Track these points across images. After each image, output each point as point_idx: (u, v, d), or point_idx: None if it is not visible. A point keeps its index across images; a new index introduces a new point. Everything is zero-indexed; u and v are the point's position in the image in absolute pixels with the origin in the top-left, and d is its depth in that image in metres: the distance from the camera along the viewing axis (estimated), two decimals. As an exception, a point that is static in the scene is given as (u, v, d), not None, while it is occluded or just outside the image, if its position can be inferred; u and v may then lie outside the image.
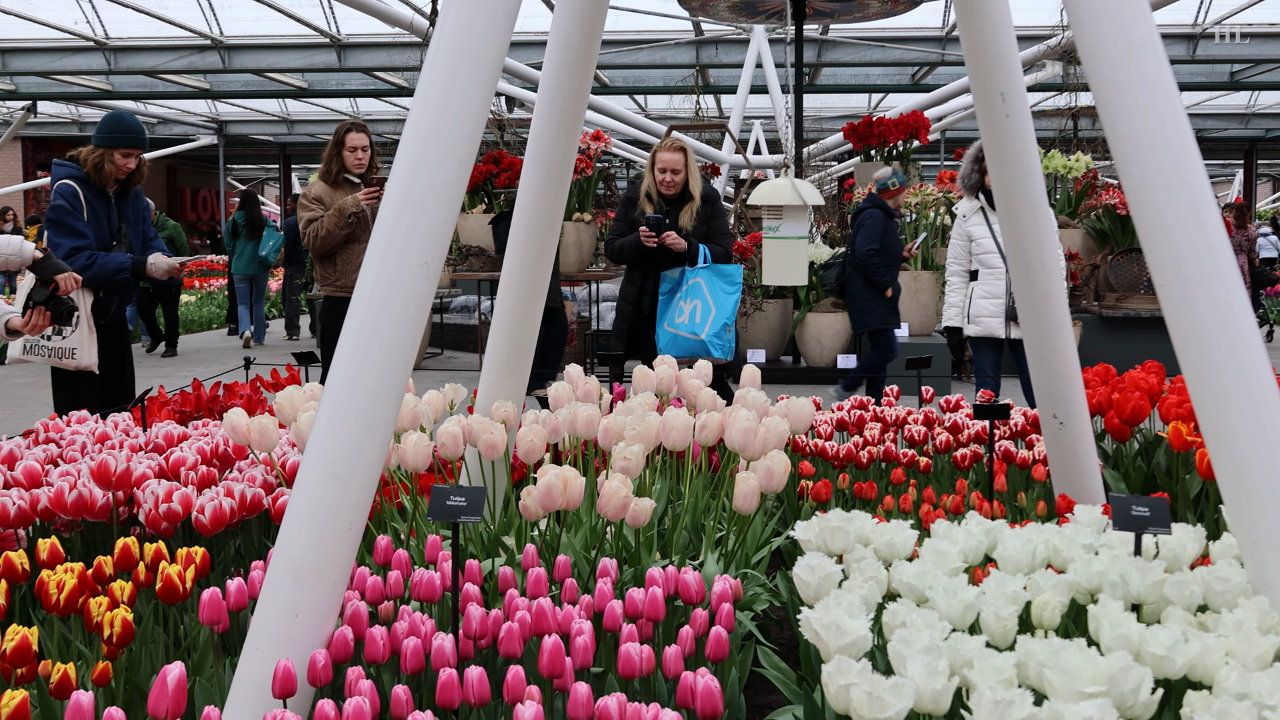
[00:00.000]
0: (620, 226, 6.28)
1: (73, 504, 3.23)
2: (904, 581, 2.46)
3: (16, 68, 17.63)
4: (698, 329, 5.92)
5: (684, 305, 5.99)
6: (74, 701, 2.10)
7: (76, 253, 4.97)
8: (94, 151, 5.05)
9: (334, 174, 6.23)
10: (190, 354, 13.51)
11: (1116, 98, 2.39)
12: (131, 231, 5.25)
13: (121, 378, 5.29)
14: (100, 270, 5.01)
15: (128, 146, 5.08)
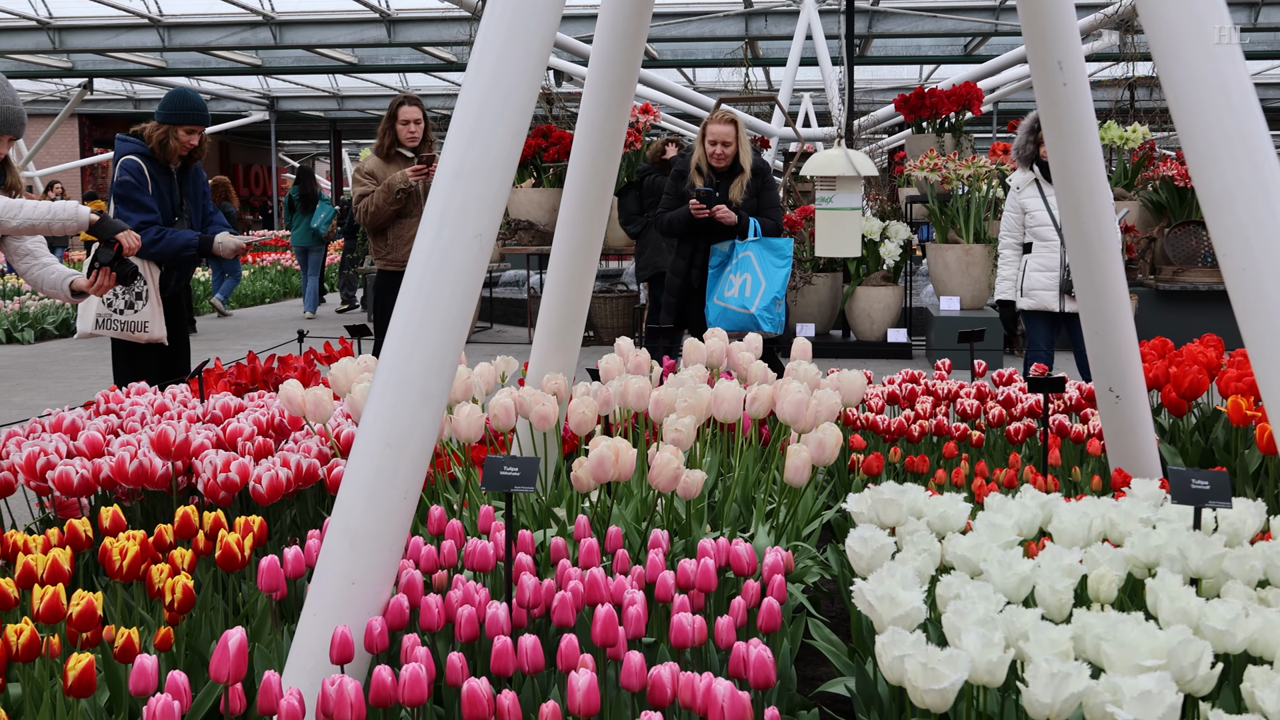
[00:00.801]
0: (670, 200, 6.25)
1: (133, 473, 3.29)
2: (958, 554, 2.45)
3: (73, 45, 17.84)
4: (747, 303, 5.90)
5: (734, 279, 5.97)
6: (138, 665, 2.14)
7: (145, 227, 4.98)
8: (158, 128, 5.07)
9: (387, 148, 6.22)
10: (244, 327, 13.67)
11: (1179, 66, 2.35)
12: (192, 207, 5.28)
13: (179, 350, 5.34)
14: (168, 245, 5.05)
15: (191, 123, 5.09)
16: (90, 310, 4.96)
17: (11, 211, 3.82)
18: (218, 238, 5.22)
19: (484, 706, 2.06)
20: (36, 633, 2.35)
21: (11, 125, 3.98)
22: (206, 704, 2.57)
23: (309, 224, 14.55)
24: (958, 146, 11.10)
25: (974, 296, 10.16)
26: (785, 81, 15.73)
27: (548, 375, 3.81)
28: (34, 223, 3.89)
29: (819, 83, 16.59)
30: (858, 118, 13.11)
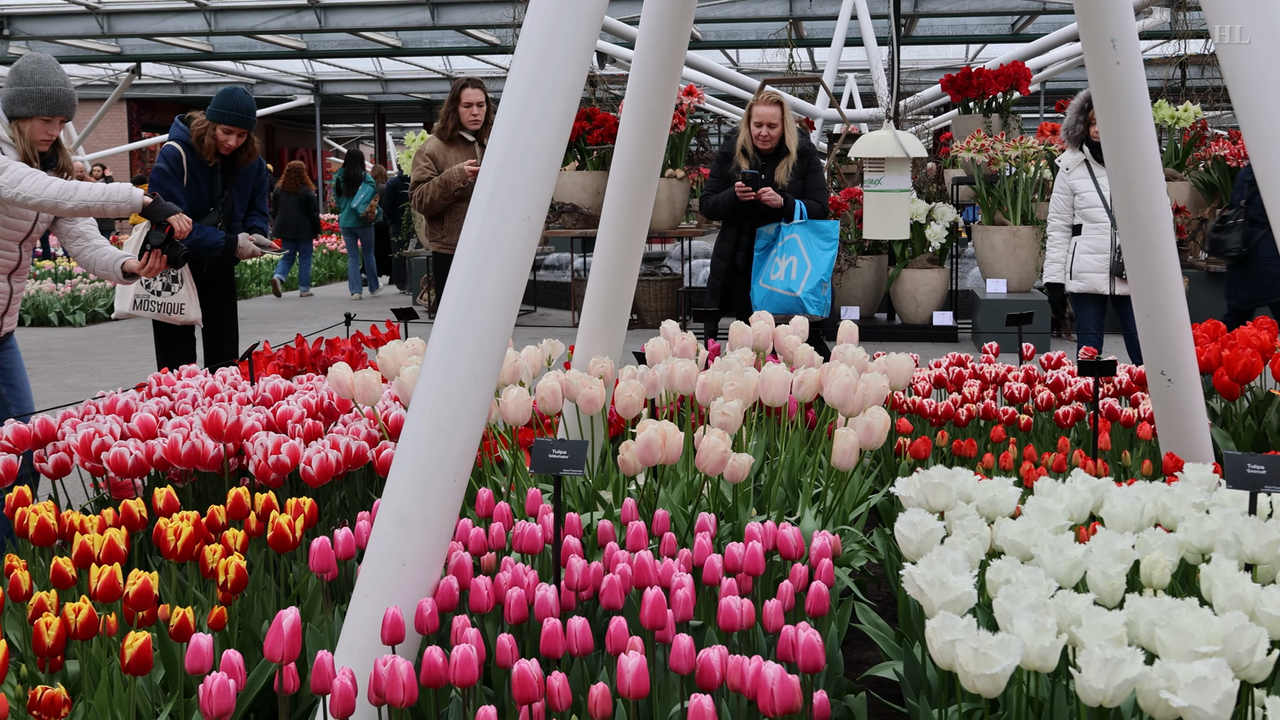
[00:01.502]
0: (715, 182, 6.22)
1: (186, 455, 3.33)
2: (1008, 539, 2.44)
3: (121, 30, 18.02)
4: (793, 285, 5.87)
5: (779, 262, 5.95)
6: (194, 644, 2.18)
7: None
8: (202, 122, 5.11)
9: (449, 130, 6.18)
10: (291, 309, 13.79)
11: (1239, 45, 2.31)
12: (237, 199, 5.26)
13: (225, 333, 5.37)
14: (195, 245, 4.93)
15: (229, 124, 5.08)
16: (129, 291, 4.99)
17: (67, 194, 3.87)
18: (240, 241, 5.22)
19: (534, 688, 2.07)
20: (94, 611, 2.39)
21: (63, 107, 4.01)
22: (259, 682, 2.61)
23: (351, 205, 14.83)
24: (1005, 127, 10.98)
25: (1021, 279, 10.06)
26: (830, 62, 15.62)
27: (594, 358, 3.81)
28: (89, 205, 3.93)
29: (864, 63, 16.46)
30: (903, 98, 12.99)
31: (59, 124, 4.04)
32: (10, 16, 17.78)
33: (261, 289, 15.92)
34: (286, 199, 15.48)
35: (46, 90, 3.97)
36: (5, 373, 4.10)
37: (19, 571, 2.62)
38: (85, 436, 3.44)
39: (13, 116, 3.94)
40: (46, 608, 2.46)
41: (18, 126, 3.95)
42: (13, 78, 3.97)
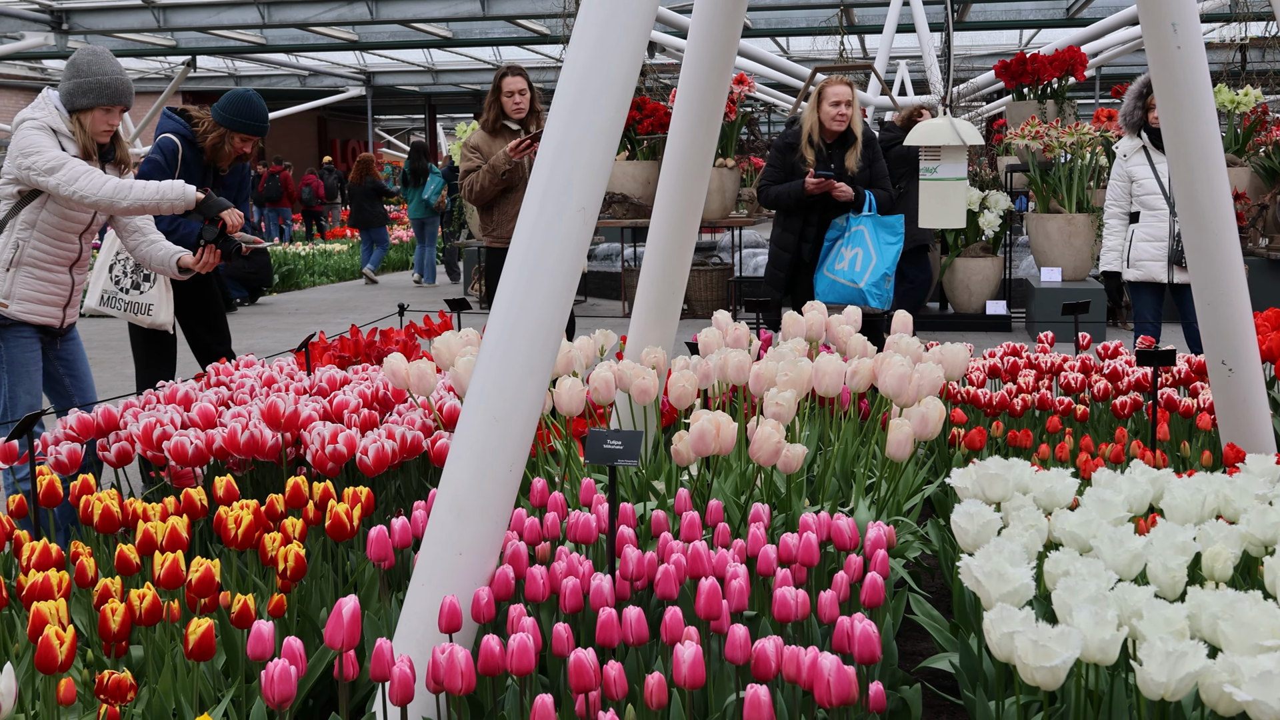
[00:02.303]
0: (776, 173, 6.14)
1: (245, 444, 3.38)
2: (1066, 530, 2.42)
3: (177, 23, 18.22)
4: (857, 277, 5.83)
5: (845, 252, 5.90)
6: (255, 630, 2.21)
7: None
8: (215, 128, 4.76)
9: (493, 121, 6.09)
10: (345, 300, 13.91)
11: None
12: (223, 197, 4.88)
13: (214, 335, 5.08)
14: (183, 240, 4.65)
15: (250, 134, 4.81)
16: (97, 286, 4.69)
17: (122, 193, 3.91)
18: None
19: (591, 677, 2.09)
20: (158, 597, 2.43)
21: (121, 96, 4.04)
22: (318, 669, 2.65)
23: (420, 196, 15.11)
24: (1060, 113, 10.84)
25: (1076, 268, 9.94)
26: (881, 50, 15.49)
27: (646, 349, 3.82)
28: (144, 203, 3.96)
29: (916, 50, 16.31)
30: (956, 85, 12.87)
31: (118, 113, 4.07)
32: (68, 11, 18.04)
33: (315, 279, 16.08)
34: (355, 189, 15.91)
35: (105, 80, 3.99)
36: (69, 364, 4.17)
37: (85, 558, 2.67)
38: (147, 426, 3.50)
39: (73, 109, 3.98)
40: (111, 594, 2.51)
41: (78, 119, 3.99)
42: (70, 71, 4.01)
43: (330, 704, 2.76)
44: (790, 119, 6.22)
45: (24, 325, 3.95)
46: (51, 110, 3.96)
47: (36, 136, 3.87)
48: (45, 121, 3.92)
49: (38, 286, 3.95)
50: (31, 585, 2.44)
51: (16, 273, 3.91)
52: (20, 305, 3.91)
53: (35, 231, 3.93)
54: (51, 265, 3.99)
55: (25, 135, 3.88)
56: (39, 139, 3.87)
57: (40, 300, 3.96)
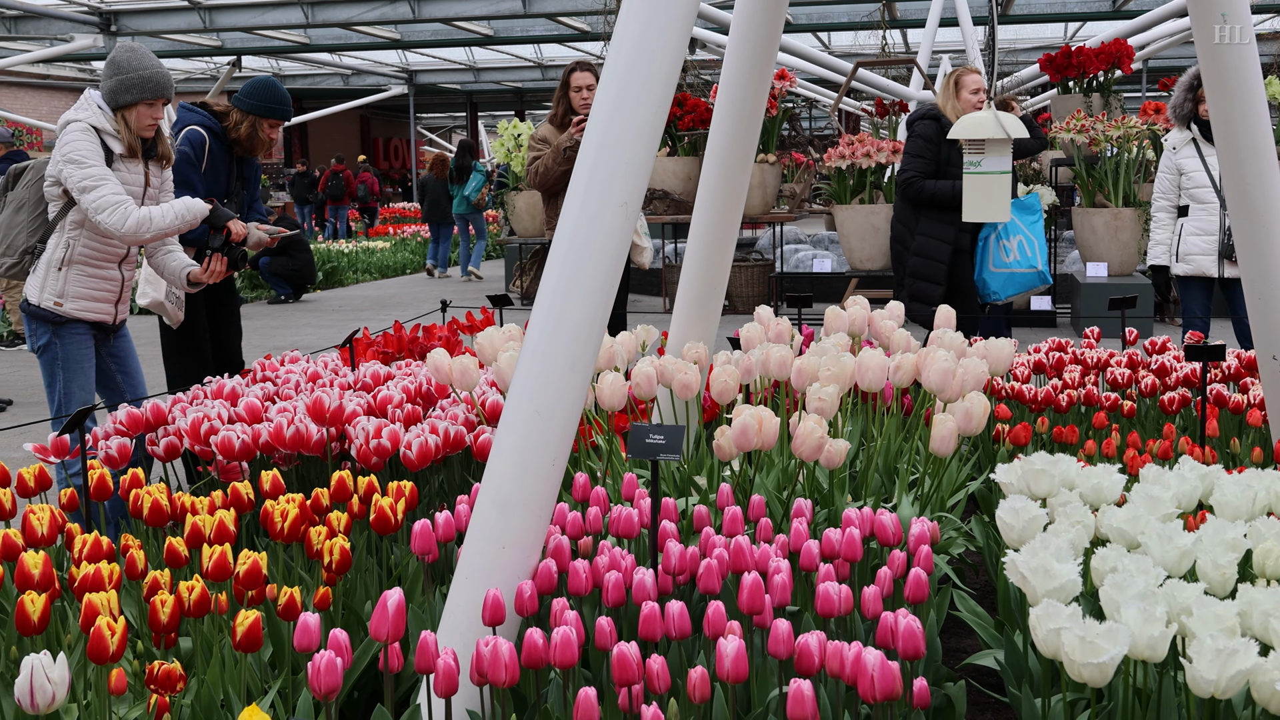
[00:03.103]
0: (927, 165, 5.97)
1: (290, 439, 3.41)
2: (1114, 526, 2.39)
3: (222, 24, 18.41)
4: (1033, 262, 5.88)
5: (1007, 244, 5.92)
6: (302, 622, 2.23)
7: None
8: (244, 117, 4.79)
9: (561, 116, 6.03)
10: (387, 297, 14.01)
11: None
12: (246, 192, 5.07)
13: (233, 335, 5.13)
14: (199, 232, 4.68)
15: (279, 118, 4.84)
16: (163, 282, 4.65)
17: (144, 226, 3.94)
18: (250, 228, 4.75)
19: (634, 670, 2.09)
20: (206, 589, 2.46)
21: (164, 89, 4.06)
22: (363, 661, 2.67)
23: (463, 193, 15.42)
24: (1106, 106, 10.72)
25: (1123, 262, 9.83)
26: (924, 43, 15.39)
27: (688, 344, 3.82)
28: (164, 230, 4.01)
29: (959, 44, 16.19)
30: (1000, 79, 12.75)
31: (161, 106, 4.10)
32: (117, 13, 18.28)
33: (358, 276, 16.19)
34: (434, 184, 16.35)
35: (146, 74, 4.03)
36: (120, 360, 4.23)
37: (135, 551, 2.71)
38: (195, 420, 3.54)
39: (116, 107, 4.01)
40: (160, 586, 2.54)
41: (123, 117, 4.02)
42: (110, 69, 4.04)
43: (374, 696, 2.78)
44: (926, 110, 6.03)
45: (78, 323, 4.01)
46: (94, 110, 4.00)
47: (81, 142, 3.91)
48: (89, 122, 3.96)
49: (90, 284, 4.01)
50: (83, 577, 2.47)
51: (69, 271, 3.97)
52: (74, 303, 3.97)
53: (84, 230, 3.99)
54: (101, 262, 4.05)
55: (70, 139, 3.92)
56: (83, 145, 3.91)
57: (93, 297, 4.02)
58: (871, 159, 9.96)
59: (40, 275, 3.96)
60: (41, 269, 3.96)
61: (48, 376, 4.01)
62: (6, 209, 4.08)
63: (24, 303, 4.00)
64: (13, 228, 4.03)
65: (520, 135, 11.74)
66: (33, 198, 4.03)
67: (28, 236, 4.00)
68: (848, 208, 10.39)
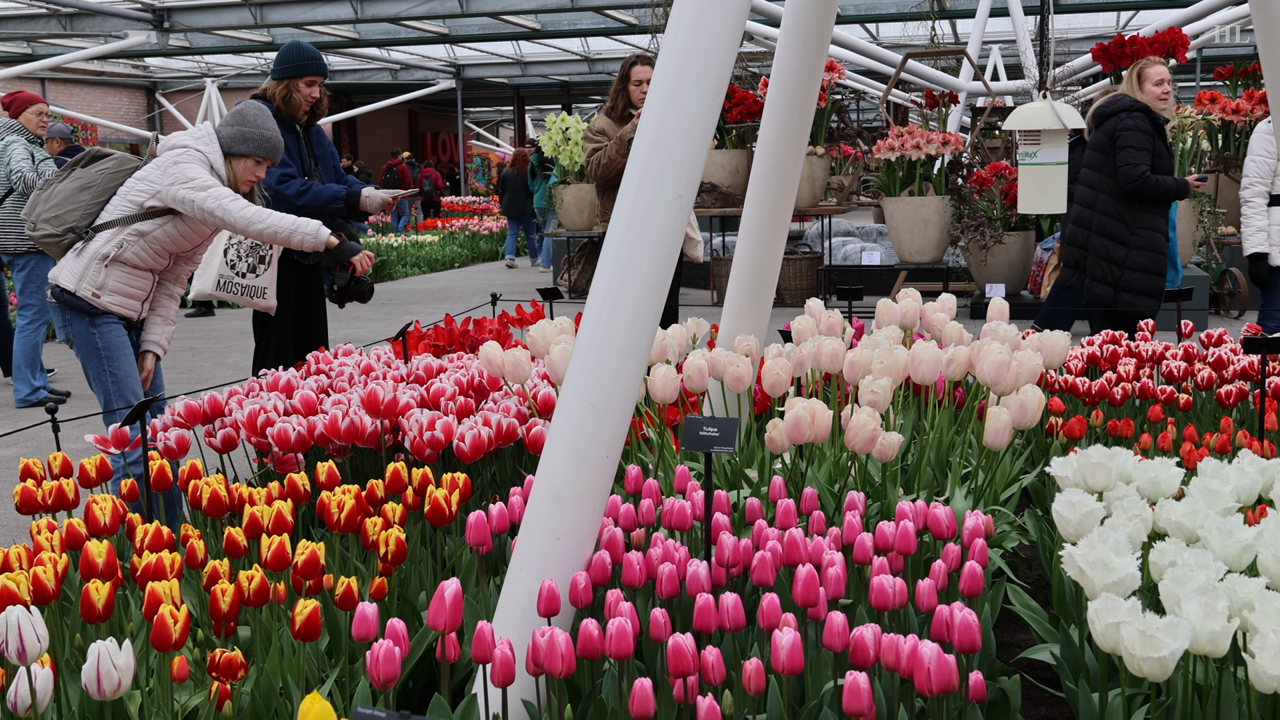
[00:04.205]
0: (1148, 157, 5.91)
1: (345, 431, 3.45)
2: (1172, 520, 2.37)
3: (273, 20, 18.60)
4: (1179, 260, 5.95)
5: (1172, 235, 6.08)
6: (360, 612, 2.26)
7: (288, 179, 4.90)
8: (279, 84, 4.96)
9: (620, 109, 6.02)
10: (437, 290, 14.10)
11: None
12: (323, 169, 5.18)
13: (317, 323, 5.26)
14: (316, 198, 4.95)
15: (311, 74, 4.98)
16: (212, 270, 4.76)
17: (260, 218, 4.01)
18: (365, 191, 5.09)
19: (689, 661, 2.10)
20: (266, 579, 2.50)
21: (274, 153, 4.22)
22: (419, 651, 2.69)
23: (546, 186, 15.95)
24: (1160, 95, 10.56)
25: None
26: (974, 34, 15.27)
27: (739, 336, 3.82)
28: (276, 232, 4.07)
29: (1008, 34, 16.03)
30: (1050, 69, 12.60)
31: (265, 168, 4.24)
32: (170, 10, 18.51)
33: (408, 270, 16.33)
34: (515, 180, 16.81)
35: (265, 134, 4.18)
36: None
37: (194, 541, 2.75)
38: (251, 413, 3.58)
39: (229, 153, 4.14)
40: (220, 575, 2.58)
41: (231, 163, 4.15)
42: (235, 119, 4.19)
43: (428, 687, 2.81)
44: (1132, 104, 6.01)
45: (111, 314, 4.06)
46: (215, 147, 4.12)
47: (198, 169, 4.01)
48: (206, 156, 4.07)
49: (127, 281, 4.06)
50: (145, 566, 2.52)
51: (111, 268, 4.01)
52: (110, 297, 4.02)
53: (144, 240, 4.03)
54: (142, 270, 4.10)
55: (185, 160, 4.01)
56: (199, 170, 4.01)
57: (127, 294, 4.06)
58: (921, 151, 9.90)
59: (82, 265, 3.99)
60: (85, 259, 3.99)
61: (93, 368, 4.03)
62: (70, 182, 4.10)
63: (57, 290, 4.02)
64: (70, 202, 4.05)
65: (568, 129, 11.76)
66: (100, 184, 4.08)
67: (80, 217, 4.04)
68: (897, 200, 10.33)
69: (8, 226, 7.33)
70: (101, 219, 4.04)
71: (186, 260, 4.28)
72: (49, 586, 2.38)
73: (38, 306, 7.39)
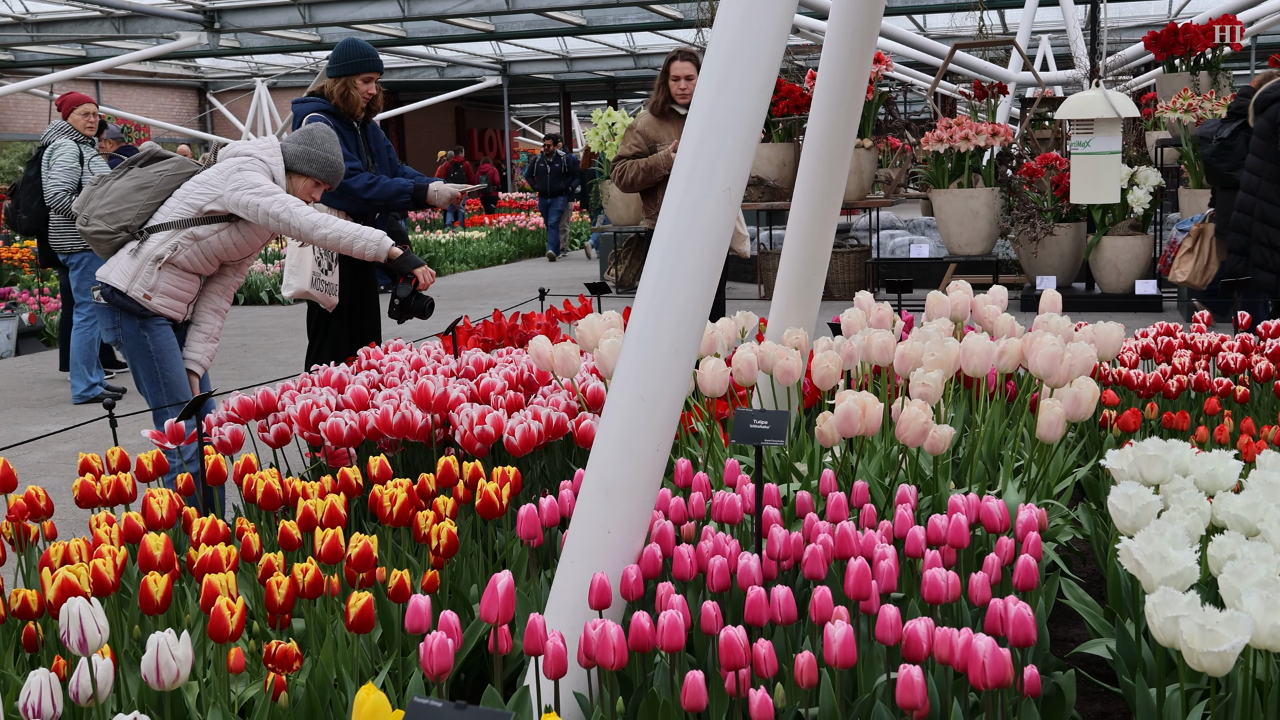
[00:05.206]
0: None
1: (396, 425, 3.47)
2: (1231, 513, 2.33)
3: (321, 19, 18.75)
4: None
5: None
6: (413, 604, 2.28)
7: (355, 173, 4.91)
8: (336, 82, 4.96)
9: (660, 105, 5.95)
10: (484, 286, 14.17)
11: None
12: (379, 164, 5.19)
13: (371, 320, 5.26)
14: (383, 191, 4.96)
15: (368, 70, 4.98)
16: (307, 269, 4.82)
17: (322, 224, 4.04)
18: (432, 185, 5.09)
19: (741, 654, 2.10)
20: (320, 572, 2.52)
21: (334, 179, 4.28)
22: (471, 643, 2.71)
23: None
24: (1214, 85, 10.42)
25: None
26: (1023, 24, 15.11)
27: (788, 330, 3.80)
28: (340, 238, 4.09)
29: (1057, 24, 15.86)
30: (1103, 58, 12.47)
31: (321, 192, 4.29)
32: (220, 10, 18.72)
33: (455, 266, 16.43)
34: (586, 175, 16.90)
35: (331, 160, 4.24)
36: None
37: (249, 534, 2.78)
38: (304, 407, 3.62)
39: (291, 169, 4.19)
40: (275, 568, 2.61)
41: (291, 179, 4.20)
42: (304, 137, 4.24)
43: (479, 679, 2.83)
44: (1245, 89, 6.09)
45: (160, 315, 4.09)
46: (279, 160, 4.16)
47: (261, 176, 4.05)
48: (269, 166, 4.11)
49: (176, 284, 4.07)
50: (202, 559, 2.55)
51: (164, 270, 4.04)
52: (160, 299, 4.04)
53: (198, 245, 4.05)
54: (192, 274, 4.13)
55: (250, 170, 4.05)
56: (262, 177, 4.05)
57: (176, 296, 4.09)
58: (970, 142, 9.81)
59: (135, 266, 4.01)
60: (138, 261, 4.01)
61: (143, 369, 4.06)
62: (128, 180, 4.12)
63: (107, 290, 4.04)
64: (126, 201, 4.07)
65: (615, 124, 11.77)
66: (157, 185, 4.11)
67: (135, 217, 4.06)
68: (946, 192, 10.25)
69: (62, 227, 7.44)
70: (156, 220, 4.06)
71: (234, 270, 4.30)
72: (108, 579, 2.42)
73: (93, 304, 7.49)
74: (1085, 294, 10.15)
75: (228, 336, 10.08)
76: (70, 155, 7.39)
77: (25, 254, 13.54)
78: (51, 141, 7.49)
